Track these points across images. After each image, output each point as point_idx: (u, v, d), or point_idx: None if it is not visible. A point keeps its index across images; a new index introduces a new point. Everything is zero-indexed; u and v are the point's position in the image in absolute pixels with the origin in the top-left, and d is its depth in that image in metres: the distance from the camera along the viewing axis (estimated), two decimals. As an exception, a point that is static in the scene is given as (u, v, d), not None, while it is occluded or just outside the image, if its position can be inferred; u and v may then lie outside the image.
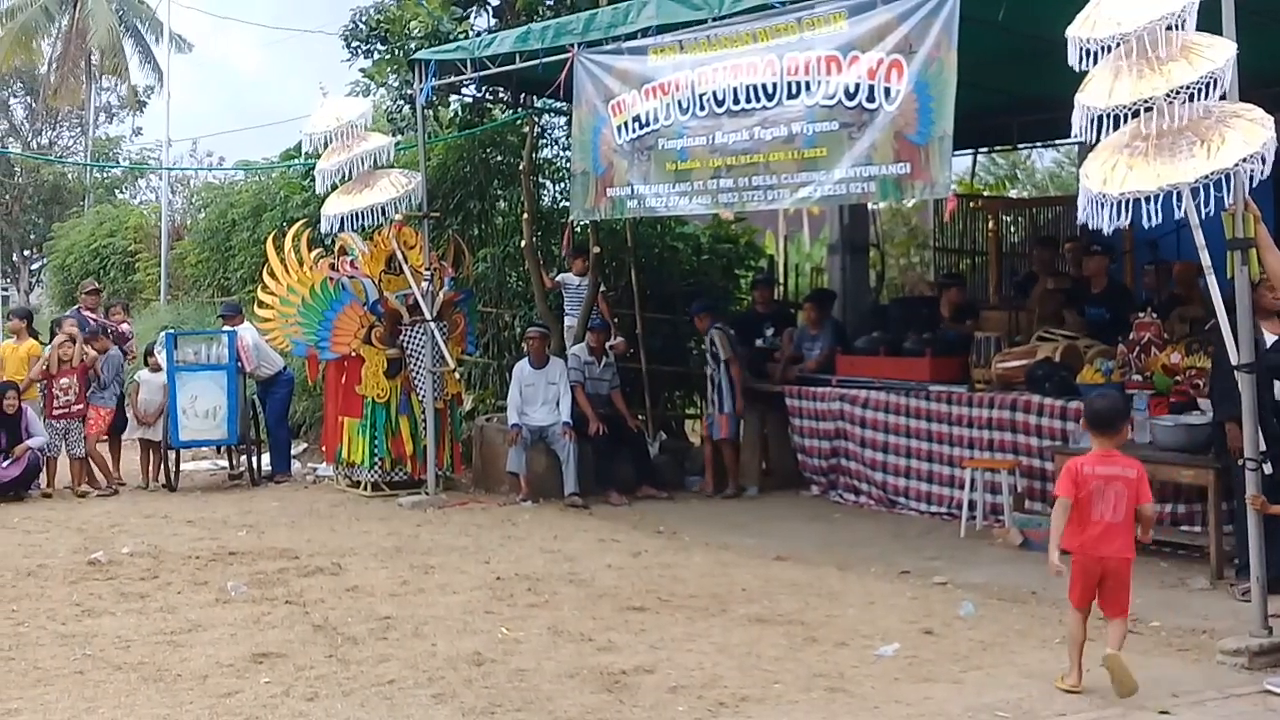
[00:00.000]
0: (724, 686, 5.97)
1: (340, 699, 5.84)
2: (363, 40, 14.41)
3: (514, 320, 14.06)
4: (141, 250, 25.60)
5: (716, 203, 9.56)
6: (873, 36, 8.26)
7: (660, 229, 14.37)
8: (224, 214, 20.30)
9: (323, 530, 10.30)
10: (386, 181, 11.59)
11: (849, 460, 11.10)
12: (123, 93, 45.01)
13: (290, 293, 12.37)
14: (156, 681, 6.15)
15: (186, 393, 12.62)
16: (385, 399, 12.10)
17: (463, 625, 7.16)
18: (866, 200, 9.49)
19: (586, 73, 10.11)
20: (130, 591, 8.08)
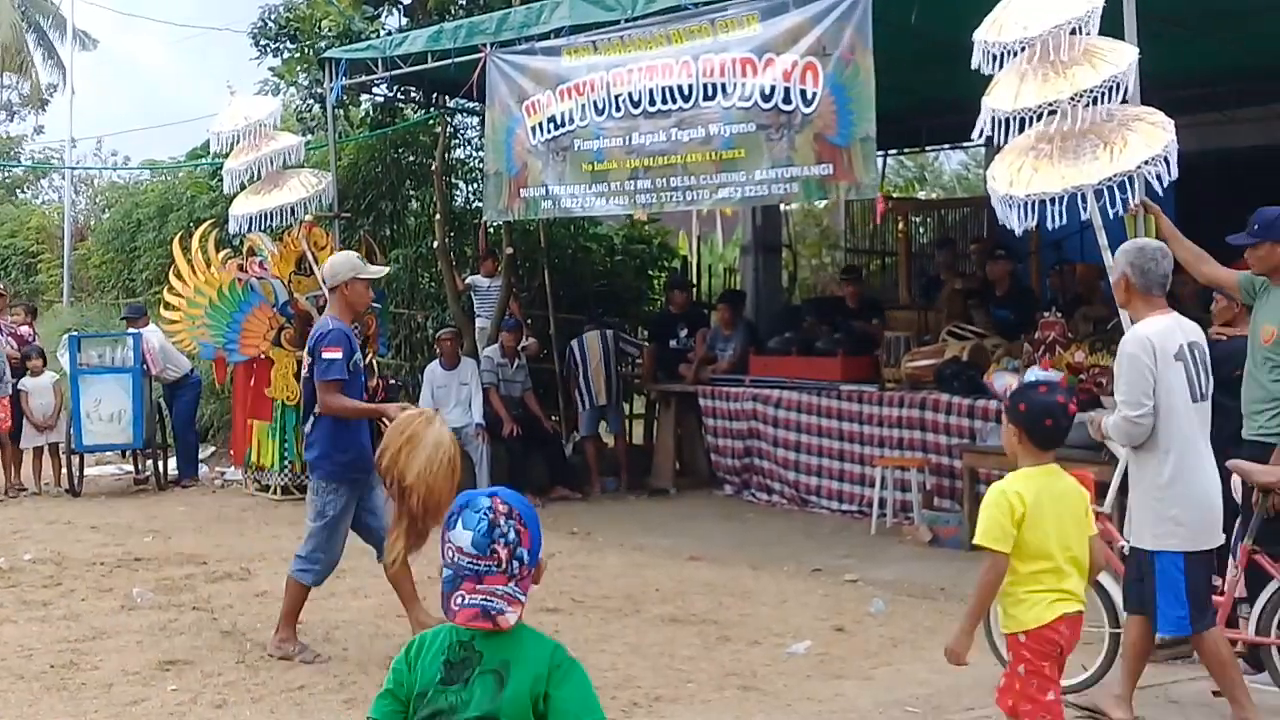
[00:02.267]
0: (638, 687, 5.98)
1: (249, 705, 5.77)
2: (272, 38, 14.22)
3: (426, 322, 13.97)
4: (44, 251, 25.03)
5: (634, 203, 9.56)
6: (786, 39, 8.32)
7: (573, 230, 14.36)
8: (129, 214, 19.92)
9: (231, 535, 10.15)
10: (296, 181, 11.45)
11: (762, 460, 11.18)
12: (25, 90, 44.01)
13: (197, 294, 12.16)
14: (60, 690, 6.04)
15: (90, 396, 12.37)
16: (295, 401, 11.93)
17: (374, 629, 7.10)
18: (790, 201, 9.58)
19: (499, 73, 10.07)
20: (32, 599, 7.91)
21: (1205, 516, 5.21)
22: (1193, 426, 5.22)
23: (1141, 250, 5.43)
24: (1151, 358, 5.15)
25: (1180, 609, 5.14)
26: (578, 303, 13.91)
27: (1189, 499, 5.18)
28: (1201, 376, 5.24)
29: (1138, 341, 5.22)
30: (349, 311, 6.80)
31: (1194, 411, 5.22)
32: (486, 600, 2.70)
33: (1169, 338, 5.21)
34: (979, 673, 5.98)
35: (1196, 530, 5.18)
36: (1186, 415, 5.18)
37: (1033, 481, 4.29)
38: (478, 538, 2.73)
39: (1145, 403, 5.13)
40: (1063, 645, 4.30)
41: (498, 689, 2.70)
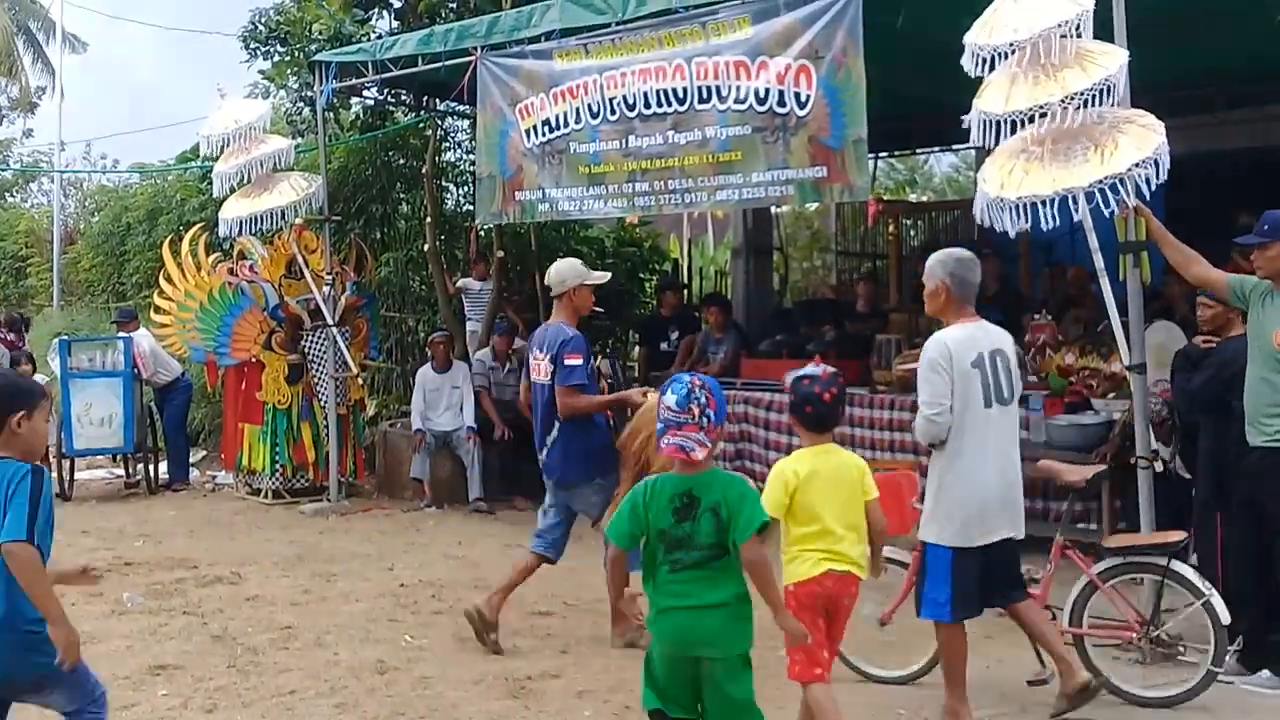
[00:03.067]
0: (630, 690, 5.95)
1: (240, 710, 5.76)
2: (262, 42, 14.19)
3: (417, 325, 13.96)
4: (33, 255, 24.98)
5: (633, 206, 9.54)
6: (778, 42, 8.32)
7: (564, 233, 14.35)
8: (119, 218, 19.87)
9: (222, 539, 10.12)
10: (286, 185, 11.43)
11: (754, 463, 11.14)
12: (13, 94, 43.92)
13: (188, 298, 12.15)
14: (49, 696, 6.00)
15: (81, 400, 12.33)
16: (286, 405, 11.92)
17: (365, 633, 7.08)
18: (786, 203, 9.56)
19: (491, 76, 10.06)
20: (21, 604, 7.87)
21: (977, 515, 5.45)
22: (984, 430, 5.45)
23: (960, 260, 5.67)
24: (949, 362, 5.43)
25: (942, 597, 5.45)
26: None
27: (962, 498, 5.45)
28: (1001, 382, 5.49)
29: (938, 347, 5.49)
30: (575, 316, 6.99)
31: (989, 416, 5.46)
32: (684, 441, 4.10)
33: (968, 345, 5.47)
34: (970, 677, 6.00)
35: (967, 527, 5.44)
36: (977, 420, 5.43)
37: (806, 459, 4.97)
38: (680, 399, 4.16)
39: (942, 404, 5.42)
40: (829, 599, 4.87)
41: (715, 521, 4.10)
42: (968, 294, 5.62)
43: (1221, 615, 5.68)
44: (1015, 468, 5.58)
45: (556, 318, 7.00)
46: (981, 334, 5.57)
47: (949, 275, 5.60)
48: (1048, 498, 9.00)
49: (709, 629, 4.20)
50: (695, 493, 4.13)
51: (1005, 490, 5.53)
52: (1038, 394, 8.92)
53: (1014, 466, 5.58)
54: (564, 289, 6.96)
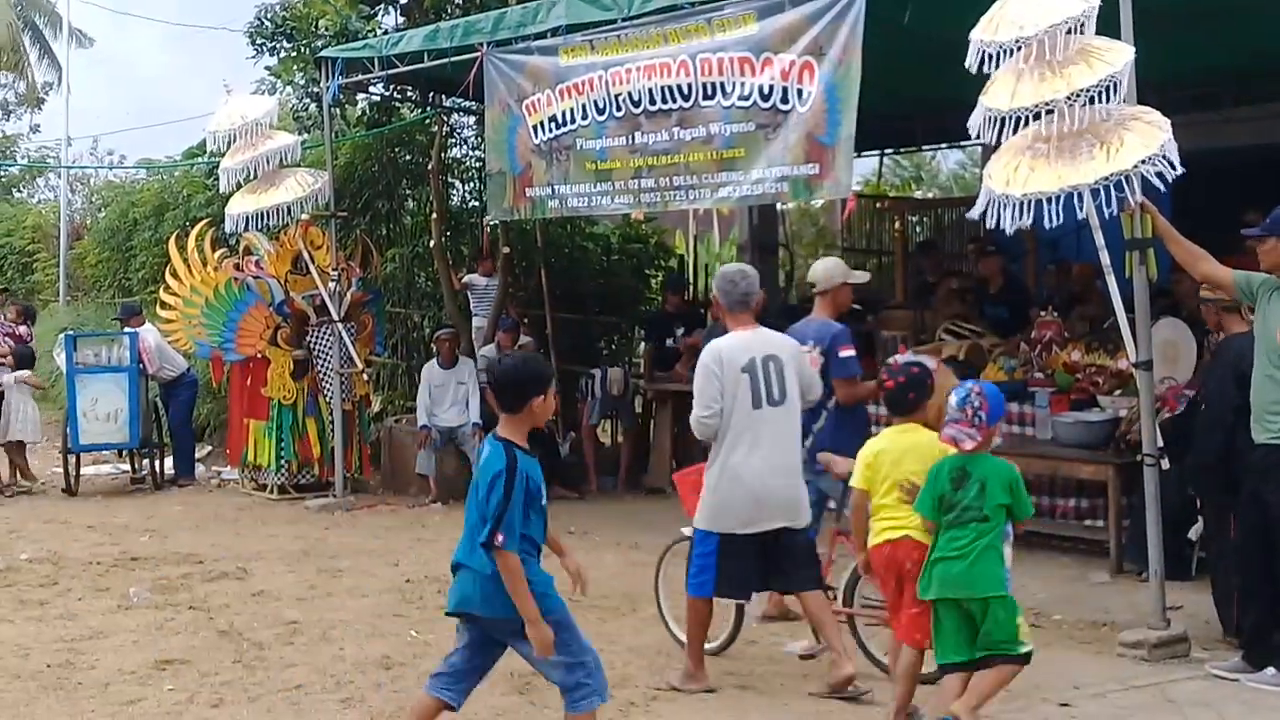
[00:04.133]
0: (635, 686, 5.99)
1: (246, 705, 5.77)
2: (268, 37, 14.18)
3: (423, 321, 13.96)
4: (40, 250, 25.01)
5: (639, 202, 9.53)
6: (783, 38, 8.31)
7: (570, 229, 14.35)
8: (125, 213, 19.89)
9: (228, 534, 10.15)
10: (292, 180, 11.45)
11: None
12: (20, 89, 43.97)
13: (194, 293, 12.17)
14: (57, 690, 6.06)
15: (87, 395, 12.36)
16: (292, 400, 11.95)
17: (371, 629, 7.10)
18: (781, 200, 9.56)
19: (497, 72, 10.06)
20: (29, 599, 7.93)
21: (743, 506, 5.92)
22: (756, 429, 5.93)
23: (723, 275, 6.33)
24: (719, 367, 5.95)
25: (704, 576, 5.99)
26: (575, 302, 13.90)
27: (730, 490, 5.93)
28: (772, 385, 5.96)
29: (711, 354, 6.03)
30: (836, 312, 7.23)
31: (760, 416, 5.93)
32: (958, 433, 5.10)
33: (740, 351, 5.98)
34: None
35: (736, 517, 5.93)
36: (746, 419, 5.91)
37: (885, 438, 5.53)
38: (959, 401, 5.13)
39: (712, 405, 5.94)
40: (892, 563, 5.38)
41: (982, 491, 5.04)
42: (733, 302, 6.15)
43: None
44: (789, 463, 6.01)
45: (818, 313, 7.22)
46: (756, 340, 6.06)
47: (718, 289, 6.25)
48: (1053, 494, 9.03)
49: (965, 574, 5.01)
50: (969, 468, 5.09)
51: (777, 483, 5.95)
52: (1044, 391, 8.92)
53: (787, 462, 6.00)
54: (829, 286, 7.21)
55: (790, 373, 6.04)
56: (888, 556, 5.39)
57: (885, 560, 5.41)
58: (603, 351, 13.92)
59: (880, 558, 5.43)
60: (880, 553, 5.42)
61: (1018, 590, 6.96)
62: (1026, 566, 7.99)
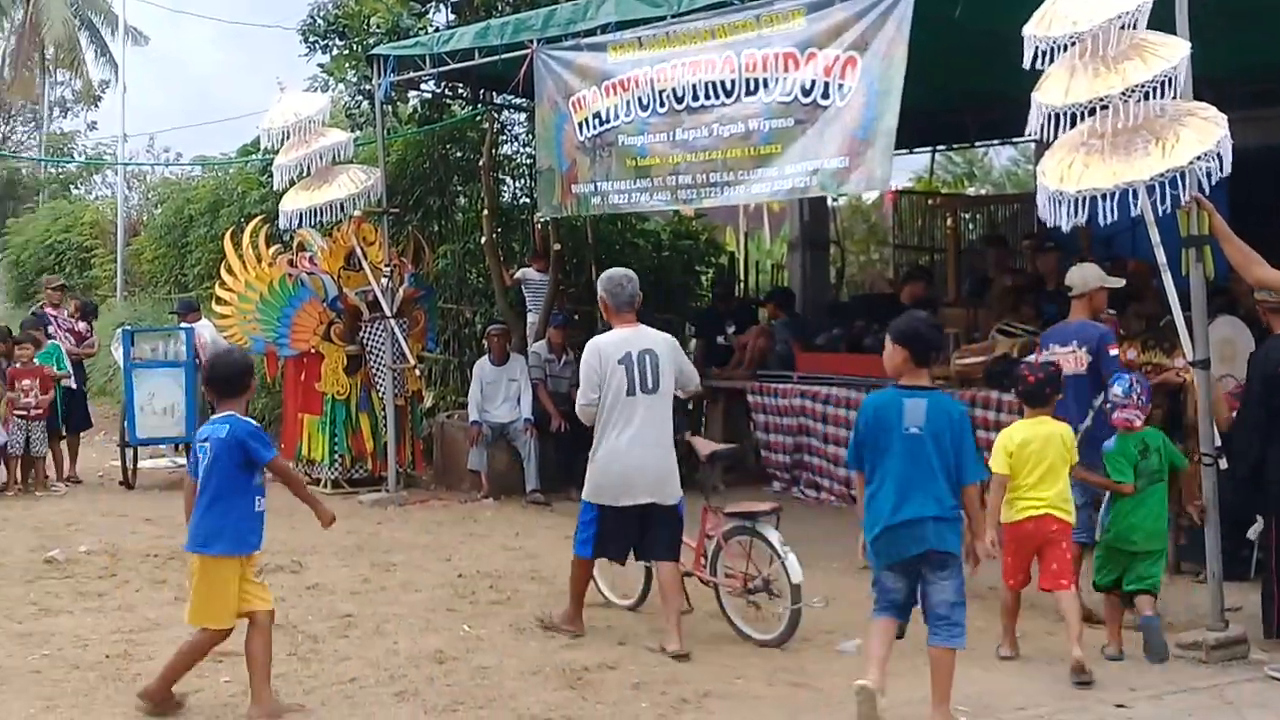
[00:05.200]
0: (686, 683, 5.99)
1: (301, 697, 5.82)
2: (321, 35, 14.34)
3: (474, 317, 14.03)
4: (97, 246, 25.35)
5: (676, 199, 9.57)
6: (830, 34, 8.29)
7: (621, 225, 14.38)
8: (181, 210, 20.14)
9: (283, 528, 10.15)
10: (345, 177, 11.55)
11: (811, 456, 11.15)
12: (78, 87, 44.58)
13: (249, 289, 12.30)
14: (115, 680, 6.13)
15: (144, 390, 12.52)
16: (345, 396, 12.05)
17: (425, 623, 7.15)
18: (809, 194, 9.52)
19: (546, 69, 10.10)
20: (88, 590, 8.03)
21: (616, 482, 6.71)
22: (630, 414, 6.66)
23: (609, 278, 7.02)
24: (598, 360, 6.72)
25: (586, 537, 6.85)
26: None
27: (606, 467, 6.74)
28: (647, 375, 6.68)
29: (591, 348, 6.85)
30: (1093, 314, 7.61)
31: (634, 403, 6.67)
32: (1130, 415, 6.49)
33: (618, 346, 6.73)
34: (1030, 672, 5.98)
35: (608, 490, 6.73)
36: (622, 405, 6.67)
37: (1021, 428, 6.47)
38: (1124, 389, 6.52)
39: (591, 395, 6.74)
40: (1030, 537, 6.34)
41: (1160, 457, 6.47)
42: (620, 303, 6.87)
43: (792, 573, 6.58)
44: (660, 445, 6.73)
45: (1077, 315, 7.55)
46: (634, 336, 6.80)
47: (602, 290, 6.98)
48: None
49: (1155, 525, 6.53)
50: (1146, 440, 6.50)
51: (647, 462, 6.70)
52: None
53: (659, 443, 6.73)
54: (1085, 290, 7.54)
55: (665, 365, 6.75)
56: (1029, 530, 6.30)
57: (1026, 533, 6.30)
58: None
59: (1021, 531, 6.30)
60: (1021, 528, 6.29)
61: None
62: (1083, 568, 7.95)
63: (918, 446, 5.21)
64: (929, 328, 5.57)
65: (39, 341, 12.94)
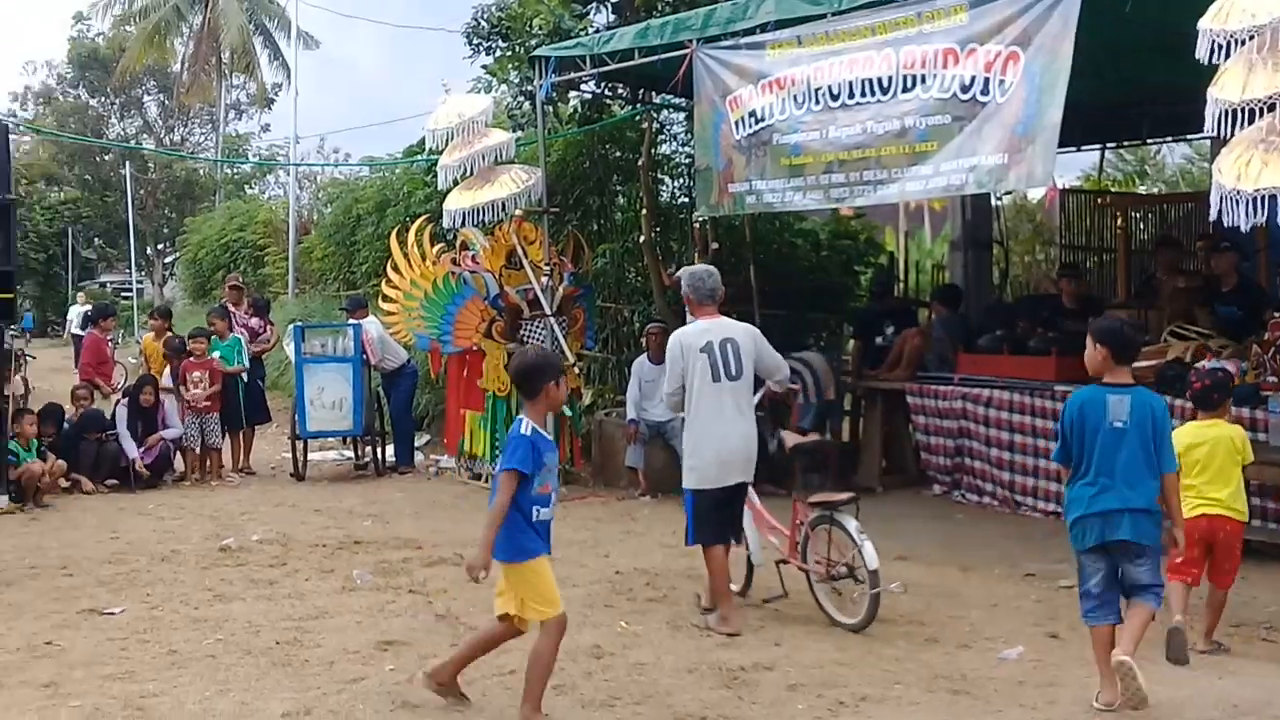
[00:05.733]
0: (843, 685, 5.95)
1: (463, 687, 5.91)
2: (484, 37, 14.58)
3: (633, 316, 14.11)
4: (270, 244, 26.19)
5: (828, 198, 9.51)
6: (992, 29, 8.14)
7: (779, 225, 14.31)
8: (349, 209, 20.69)
9: (445, 521, 10.45)
10: (507, 177, 11.73)
11: (973, 460, 10.95)
12: (252, 90, 46.16)
13: (414, 287, 12.56)
14: (285, 666, 6.32)
15: (313, 384, 12.91)
16: (506, 393, 12.21)
17: (582, 618, 7.20)
18: (965, 192, 9.35)
19: (705, 69, 10.11)
20: (260, 578, 8.30)
21: (713, 465, 7.03)
22: (714, 399, 7.00)
23: (692, 274, 7.45)
24: (681, 351, 7.11)
25: (698, 528, 7.10)
26: (782, 298, 13.85)
27: (701, 453, 7.05)
28: (730, 362, 7.01)
29: (674, 340, 7.25)
30: None
31: (717, 388, 7.00)
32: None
33: (699, 336, 7.10)
34: (1200, 685, 5.79)
35: (704, 476, 7.05)
36: (707, 392, 7.01)
37: (1192, 430, 6.57)
38: None
39: (675, 385, 7.11)
40: (1205, 534, 6.43)
41: None
42: (702, 297, 7.26)
43: (869, 560, 6.75)
44: (745, 427, 7.09)
45: None
46: (715, 326, 7.16)
47: (686, 286, 7.37)
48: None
49: None
50: None
51: (736, 444, 7.05)
52: (1277, 396, 8.51)
53: (743, 426, 7.08)
54: None
55: (746, 353, 7.08)
56: (1205, 528, 6.39)
57: (1202, 531, 6.37)
58: (809, 348, 13.82)
59: (1196, 529, 6.29)
60: (1196, 525, 6.30)
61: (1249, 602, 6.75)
62: (1256, 577, 7.68)
63: (1122, 440, 5.50)
64: (1129, 327, 5.85)
65: (221, 332, 13.46)
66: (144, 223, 45.13)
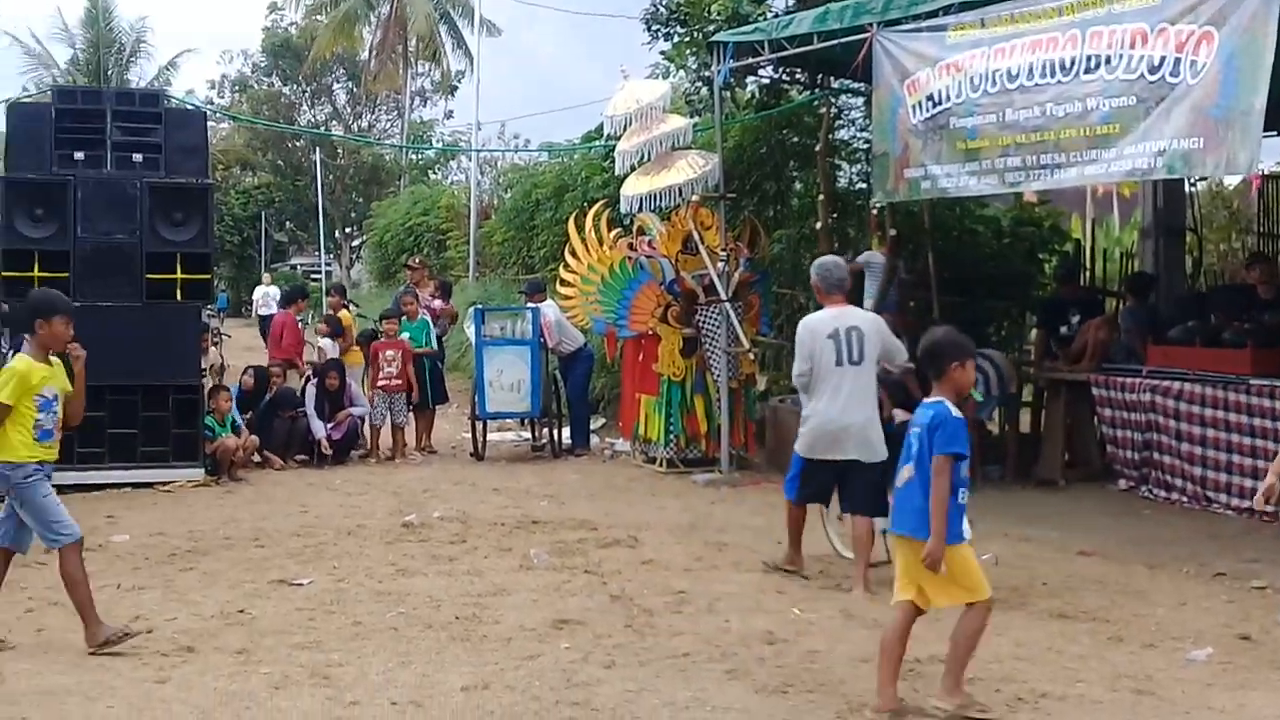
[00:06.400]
0: (1022, 681, 5.82)
1: (636, 669, 5.99)
2: (663, 23, 14.63)
3: (808, 301, 13.99)
4: (452, 229, 26.76)
5: (1004, 182, 9.30)
6: (1185, 9, 7.84)
7: (959, 211, 14.04)
8: (528, 194, 21.00)
9: (620, 504, 10.56)
10: (684, 163, 11.76)
11: (1162, 454, 10.56)
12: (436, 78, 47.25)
13: (591, 271, 12.70)
14: (464, 641, 6.48)
15: (493, 366, 13.16)
16: (681, 377, 12.28)
17: (755, 603, 7.22)
18: (1152, 176, 9.00)
19: (884, 52, 9.97)
20: (440, 554, 8.52)
21: (824, 440, 7.71)
22: (837, 381, 7.63)
23: (821, 264, 8.05)
24: (809, 335, 7.74)
25: (792, 486, 8.02)
26: (962, 285, 13.58)
27: (817, 427, 7.73)
28: (853, 348, 7.62)
29: (803, 325, 7.91)
30: None
31: (842, 372, 7.62)
32: None
33: (826, 323, 7.72)
34: None
35: (806, 445, 7.81)
36: (829, 374, 7.64)
37: None
38: None
39: (804, 366, 7.75)
40: None
41: None
42: (830, 286, 7.86)
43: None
44: (864, 408, 7.66)
45: None
46: (841, 315, 7.78)
47: (815, 276, 7.97)
48: None
49: None
50: None
51: (853, 423, 7.64)
52: None
53: (863, 407, 7.66)
54: None
55: (870, 340, 7.66)
56: None
57: None
58: (990, 338, 13.53)
59: None
60: None
61: None
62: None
63: None
64: None
65: (412, 313, 13.86)
66: (332, 207, 46.56)
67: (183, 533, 9.24)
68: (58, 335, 6.46)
